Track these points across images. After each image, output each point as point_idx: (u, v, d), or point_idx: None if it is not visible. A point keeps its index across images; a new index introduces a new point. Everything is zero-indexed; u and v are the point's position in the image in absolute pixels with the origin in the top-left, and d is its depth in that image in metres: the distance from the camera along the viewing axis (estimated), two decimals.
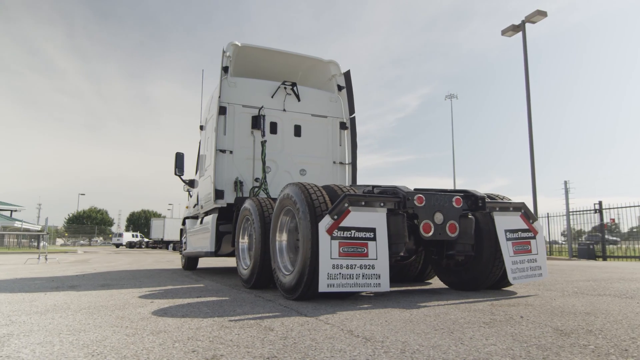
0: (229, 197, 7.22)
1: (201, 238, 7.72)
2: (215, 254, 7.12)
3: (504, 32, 18.42)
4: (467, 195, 4.37)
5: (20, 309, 3.63)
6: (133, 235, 54.72)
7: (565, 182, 17.10)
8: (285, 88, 7.92)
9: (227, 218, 7.13)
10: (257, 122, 7.58)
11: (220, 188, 7.19)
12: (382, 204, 3.86)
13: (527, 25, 17.61)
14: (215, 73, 7.59)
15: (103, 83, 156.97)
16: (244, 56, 7.89)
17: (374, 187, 4.44)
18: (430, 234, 4.12)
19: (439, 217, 4.18)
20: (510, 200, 4.67)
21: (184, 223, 10.14)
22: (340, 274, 3.59)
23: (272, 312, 3.33)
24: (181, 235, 10.15)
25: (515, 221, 4.45)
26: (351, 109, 8.30)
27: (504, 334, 2.44)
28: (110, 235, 68.43)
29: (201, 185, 8.28)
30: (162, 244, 42.62)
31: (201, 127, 8.69)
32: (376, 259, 3.72)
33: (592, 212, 15.71)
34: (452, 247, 4.37)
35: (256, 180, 7.49)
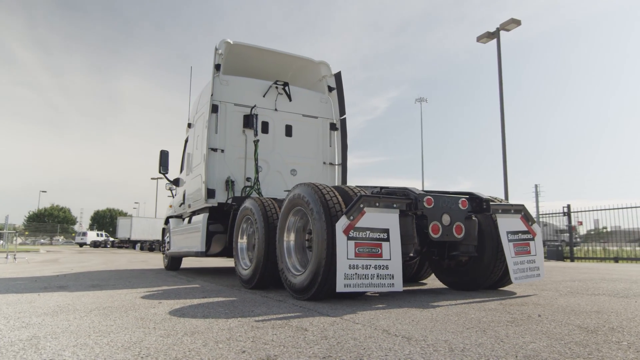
0: (220, 197, 7.14)
1: (190, 238, 7.59)
2: (205, 253, 7.03)
3: (479, 39, 18.90)
4: (472, 198, 4.49)
5: (25, 310, 3.49)
6: (98, 235, 53.00)
7: (536, 186, 17.84)
8: (276, 88, 7.89)
9: (216, 218, 7.05)
10: (249, 121, 7.52)
11: (212, 187, 7.09)
12: (395, 205, 3.91)
13: (501, 32, 18.14)
14: (186, 69, 7.56)
15: (66, 76, 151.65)
16: (235, 54, 7.81)
17: (381, 188, 4.50)
18: (439, 235, 4.21)
19: (446, 219, 4.27)
20: (511, 202, 4.82)
21: (166, 222, 9.93)
22: (356, 274, 3.62)
23: (292, 312, 3.33)
24: (163, 235, 9.94)
25: (515, 223, 4.59)
26: (342, 110, 8.35)
27: (535, 332, 2.53)
28: (73, 234, 66.11)
29: (189, 184, 8.15)
30: (129, 244, 41.52)
31: (189, 125, 8.55)
32: (390, 260, 3.76)
33: (561, 214, 16.34)
34: (457, 248, 4.48)
35: (247, 179, 7.43)
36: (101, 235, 53.15)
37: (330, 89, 8.39)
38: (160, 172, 9.23)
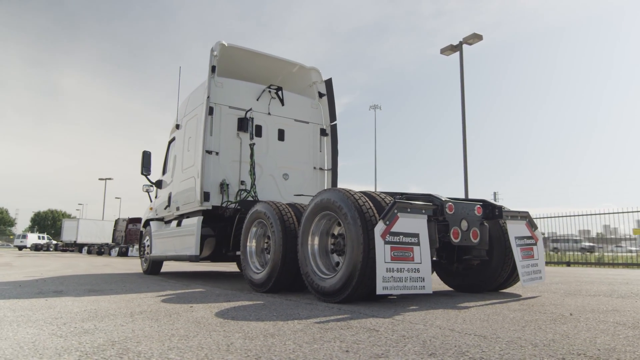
0: (215, 200, 7.08)
1: (180, 241, 7.44)
2: (199, 257, 6.94)
3: (442, 51, 19.71)
4: (486, 204, 4.76)
5: (60, 316, 3.36)
6: (39, 237, 49.96)
7: (495, 194, 18.65)
8: (270, 92, 7.93)
9: (206, 221, 6.98)
10: (243, 124, 7.51)
11: (207, 190, 7.02)
12: (423, 211, 4.09)
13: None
14: (132, 65, 7.47)
15: (0, 68, 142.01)
16: (227, 56, 7.78)
17: (401, 194, 4.67)
18: (458, 239, 4.43)
19: (464, 224, 4.51)
20: (517, 210, 5.14)
21: (145, 225, 9.65)
22: (392, 277, 3.76)
23: (337, 314, 3.41)
24: (141, 239, 9.64)
25: (521, 229, 4.91)
26: (332, 116, 8.49)
27: (587, 329, 2.77)
28: (11, 237, 61.88)
29: (177, 186, 7.98)
30: (75, 247, 39.53)
31: (177, 126, 8.38)
32: (420, 263, 3.94)
33: None
34: (469, 252, 4.72)
35: (242, 183, 7.41)
36: (43, 238, 50.12)
37: (320, 94, 8.52)
38: (142, 173, 8.99)
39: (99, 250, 33.43)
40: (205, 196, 6.96)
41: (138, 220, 38.16)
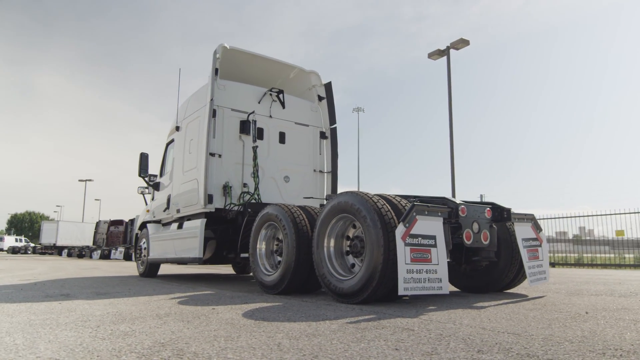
0: (217, 202, 7.10)
1: (182, 244, 7.43)
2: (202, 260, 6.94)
3: (430, 55, 19.98)
4: (494, 207, 4.91)
5: (85, 319, 3.36)
6: (17, 240, 48.73)
7: (481, 196, 18.98)
8: (271, 95, 7.99)
9: (207, 223, 6.98)
10: (245, 126, 7.55)
11: (210, 192, 7.03)
12: (439, 214, 4.21)
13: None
14: (111, 65, 7.47)
15: None
16: (229, 59, 7.81)
17: (415, 197, 4.78)
18: (470, 241, 4.57)
19: (475, 227, 4.64)
20: (524, 212, 5.30)
21: (141, 228, 9.58)
22: (412, 278, 3.86)
23: (364, 315, 3.48)
24: (137, 241, 9.56)
25: (528, 231, 5.07)
26: (332, 120, 8.59)
27: (610, 326, 2.91)
28: None
29: (178, 189, 7.95)
30: (54, 250, 38.72)
31: (177, 128, 8.35)
32: (437, 264, 4.06)
33: None
34: (478, 254, 4.86)
35: (244, 185, 7.44)
36: (20, 240, 48.92)
37: (320, 98, 8.61)
38: (140, 175, 8.91)
39: (80, 252, 32.85)
40: (209, 198, 6.97)
41: (120, 222, 37.64)
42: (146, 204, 10.10)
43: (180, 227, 7.67)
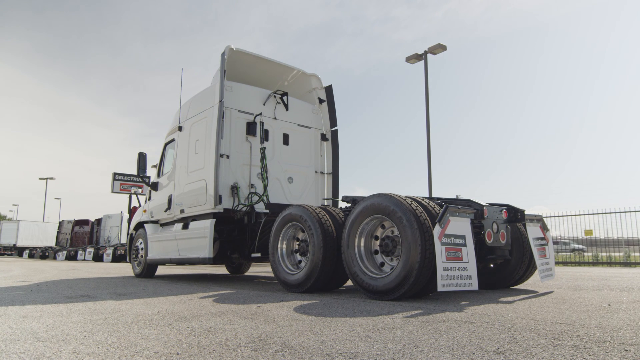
0: (225, 203, 7.18)
1: (189, 244, 7.45)
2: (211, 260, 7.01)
3: (408, 59, 20.49)
4: (509, 209, 5.25)
5: (141, 319, 3.43)
6: None
7: (457, 196, 19.60)
8: (275, 97, 8.13)
9: (215, 224, 7.04)
10: (251, 128, 7.67)
11: (220, 193, 7.10)
12: (467, 215, 4.50)
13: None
14: (66, 58, 7.38)
15: None
16: (233, 61, 7.89)
17: (438, 199, 5.06)
18: (491, 241, 4.88)
19: (494, 227, 4.97)
20: (534, 214, 5.68)
21: (136, 228, 9.47)
22: (447, 275, 4.13)
23: (409, 310, 3.71)
24: (132, 242, 9.46)
25: (537, 231, 5.45)
26: (333, 122, 8.80)
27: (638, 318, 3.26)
28: None
29: (182, 189, 7.96)
30: (14, 250, 37.16)
31: (180, 128, 8.34)
32: (468, 262, 4.34)
33: None
34: (494, 252, 5.19)
35: (251, 186, 7.55)
36: None
37: (320, 100, 8.81)
38: (138, 175, 8.86)
39: (43, 253, 31.70)
40: (219, 199, 7.04)
41: (85, 222, 36.53)
42: (140, 205, 10.01)
43: (185, 227, 7.68)
